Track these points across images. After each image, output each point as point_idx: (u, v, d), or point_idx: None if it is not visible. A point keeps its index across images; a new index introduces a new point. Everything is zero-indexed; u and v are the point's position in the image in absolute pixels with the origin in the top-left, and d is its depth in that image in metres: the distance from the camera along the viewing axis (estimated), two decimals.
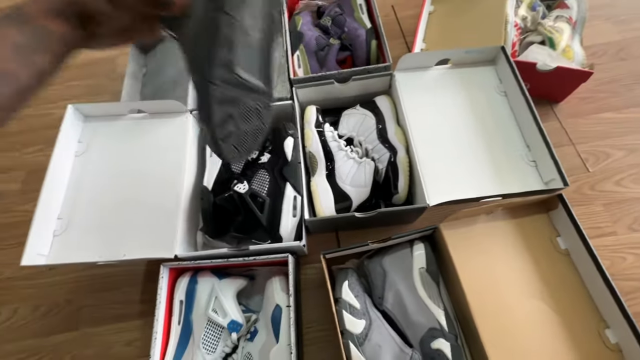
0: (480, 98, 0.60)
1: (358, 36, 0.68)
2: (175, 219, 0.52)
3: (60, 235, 0.52)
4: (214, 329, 0.48)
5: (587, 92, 0.70)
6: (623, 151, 0.64)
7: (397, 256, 0.52)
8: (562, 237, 0.50)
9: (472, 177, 0.53)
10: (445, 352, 0.44)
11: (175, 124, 0.61)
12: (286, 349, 0.46)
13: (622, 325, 0.42)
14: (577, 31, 0.67)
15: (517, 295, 0.47)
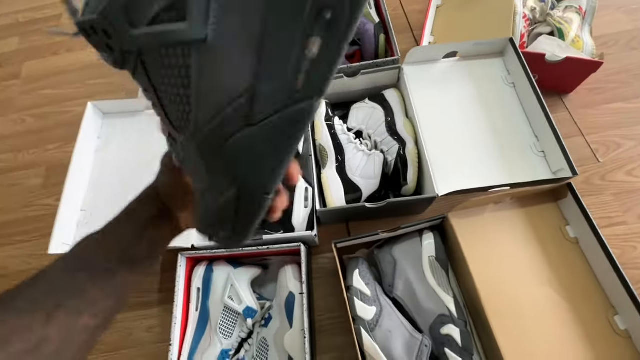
0: (489, 90, 0.60)
1: (366, 30, 0.69)
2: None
3: (83, 226, 0.55)
4: (231, 315, 0.50)
5: (596, 82, 0.70)
6: (634, 141, 0.64)
7: (407, 245, 0.53)
8: (571, 226, 0.50)
9: (481, 167, 0.54)
10: (455, 338, 0.46)
11: None
12: (300, 334, 0.48)
13: (632, 312, 0.43)
14: (586, 21, 0.67)
15: (526, 283, 0.47)
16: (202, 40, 0.14)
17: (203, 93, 0.15)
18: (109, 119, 0.64)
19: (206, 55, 0.14)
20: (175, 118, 0.17)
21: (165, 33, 0.14)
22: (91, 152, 0.60)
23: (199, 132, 0.17)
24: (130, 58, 0.16)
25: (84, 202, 0.56)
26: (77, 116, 0.59)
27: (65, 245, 0.52)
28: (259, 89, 0.15)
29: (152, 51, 0.16)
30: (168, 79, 0.16)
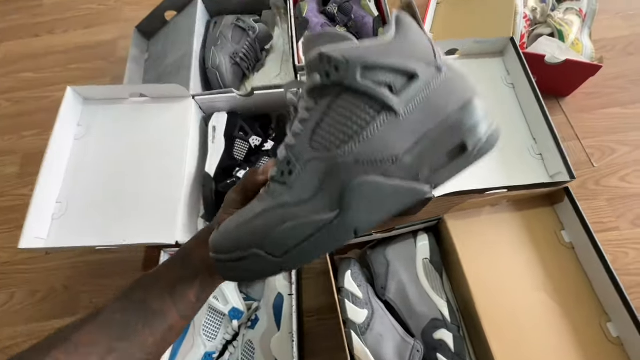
0: (487, 90, 0.59)
1: (365, 24, 0.67)
2: (176, 205, 0.51)
3: (59, 219, 0.51)
4: (215, 316, 0.48)
5: (594, 87, 0.69)
6: (629, 147, 0.64)
7: (401, 246, 0.51)
8: (567, 231, 0.50)
9: (477, 168, 0.52)
10: (447, 343, 0.44)
11: (177, 108, 0.59)
12: (287, 337, 0.46)
13: (625, 319, 0.42)
14: (586, 24, 0.66)
15: (521, 288, 0.47)
16: (395, 113, 0.20)
17: (369, 139, 0.20)
18: (90, 105, 0.60)
19: (390, 122, 0.20)
20: (322, 139, 0.21)
21: (380, 93, 0.20)
22: (69, 140, 0.56)
23: (346, 157, 0.20)
24: (333, 87, 0.21)
25: (60, 194, 0.53)
26: (56, 102, 0.55)
27: (39, 239, 0.49)
28: (403, 159, 0.20)
29: (356, 93, 0.20)
30: (349, 116, 0.20)
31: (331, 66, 0.20)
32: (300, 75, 0.62)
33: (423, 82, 0.20)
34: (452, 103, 0.20)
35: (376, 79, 0.20)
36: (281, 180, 0.21)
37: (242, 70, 0.71)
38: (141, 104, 0.60)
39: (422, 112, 0.20)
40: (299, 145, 0.21)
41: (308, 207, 0.20)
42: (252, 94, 0.61)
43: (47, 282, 0.61)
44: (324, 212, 0.19)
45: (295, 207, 0.20)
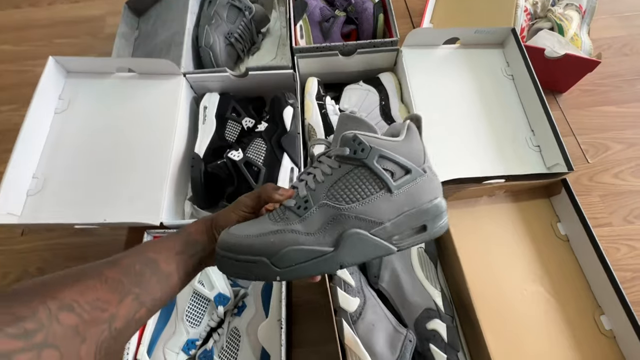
0: (487, 80, 0.58)
1: (365, 9, 0.65)
2: (162, 185, 0.49)
3: (34, 195, 0.48)
4: (200, 302, 0.46)
5: (590, 84, 0.70)
6: (623, 144, 0.64)
7: None
8: (563, 223, 0.49)
9: (475, 158, 0.52)
10: (440, 333, 0.43)
11: (167, 86, 0.57)
12: (276, 324, 0.44)
13: (618, 312, 0.42)
14: (585, 20, 0.66)
15: (516, 278, 0.46)
16: (390, 192, 0.27)
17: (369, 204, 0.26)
18: (73, 78, 0.56)
19: (385, 198, 0.26)
20: (336, 193, 0.27)
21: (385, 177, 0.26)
22: (49, 112, 0.53)
23: (350, 212, 0.26)
24: (355, 161, 0.27)
25: (37, 169, 0.49)
26: (37, 77, 0.52)
27: (11, 215, 0.46)
28: (386, 225, 0.26)
29: (370, 171, 0.27)
30: (360, 184, 0.27)
31: (359, 147, 0.26)
32: (298, 60, 0.60)
33: (413, 177, 0.27)
34: (426, 196, 0.27)
35: (385, 167, 0.27)
36: (297, 212, 0.27)
37: (236, 51, 0.69)
38: (129, 80, 0.57)
39: (406, 197, 0.27)
40: (318, 191, 0.27)
41: (312, 239, 0.26)
42: (247, 75, 0.58)
43: (20, 264, 0.57)
44: (324, 246, 0.26)
45: (304, 236, 0.26)
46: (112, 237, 0.59)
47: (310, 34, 0.66)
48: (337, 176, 0.27)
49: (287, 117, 0.53)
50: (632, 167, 0.62)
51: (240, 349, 0.43)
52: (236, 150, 0.50)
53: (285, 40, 0.73)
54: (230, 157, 0.49)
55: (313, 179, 0.28)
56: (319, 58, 0.60)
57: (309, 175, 0.29)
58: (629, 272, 0.54)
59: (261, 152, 0.51)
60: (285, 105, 0.54)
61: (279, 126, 0.53)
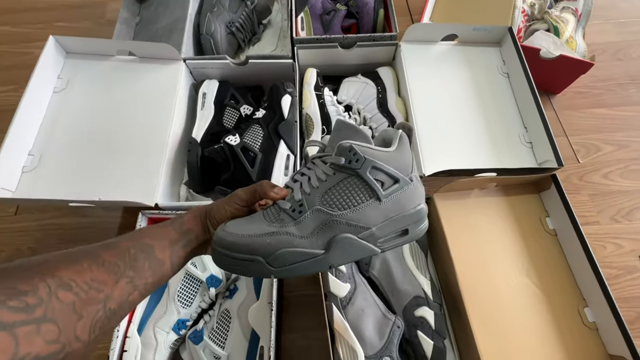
0: (483, 77, 0.59)
1: (366, 4, 0.66)
2: (158, 167, 0.49)
3: (30, 172, 0.48)
4: (192, 283, 0.46)
5: (583, 87, 0.71)
6: (613, 146, 0.65)
7: None
8: (551, 218, 0.50)
9: (469, 152, 0.53)
10: (428, 320, 0.44)
11: (166, 71, 0.57)
12: (267, 307, 0.44)
13: (602, 305, 0.43)
14: (581, 24, 0.68)
15: (504, 270, 0.47)
16: (379, 201, 0.28)
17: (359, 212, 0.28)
18: (73, 59, 0.57)
19: (374, 205, 0.28)
20: (330, 199, 0.28)
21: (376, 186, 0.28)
22: (48, 91, 0.53)
23: (341, 218, 0.28)
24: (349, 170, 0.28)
25: (34, 146, 0.49)
26: (36, 59, 0.52)
27: (6, 190, 0.46)
28: (373, 229, 0.28)
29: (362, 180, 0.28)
30: (352, 193, 0.28)
31: (354, 158, 0.28)
32: (298, 50, 0.60)
33: (400, 186, 0.29)
34: (410, 203, 0.29)
35: (376, 177, 0.28)
36: (292, 215, 0.28)
37: (237, 41, 0.69)
38: (129, 63, 0.57)
39: (393, 204, 0.29)
40: (312, 195, 0.29)
41: (306, 242, 0.28)
42: (247, 63, 0.59)
43: (11, 243, 0.57)
44: (316, 249, 0.27)
45: (298, 238, 0.28)
46: (106, 220, 0.59)
47: (311, 26, 0.67)
48: (332, 183, 0.29)
49: (285, 105, 0.53)
50: (621, 168, 0.63)
51: (230, 330, 0.44)
52: (233, 135, 0.50)
53: (286, 32, 0.74)
54: (227, 142, 0.50)
55: (308, 183, 0.29)
56: (319, 49, 0.61)
57: (304, 177, 0.30)
58: (614, 269, 0.56)
59: (258, 138, 0.51)
60: (284, 94, 0.54)
61: (277, 113, 0.53)
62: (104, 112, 0.53)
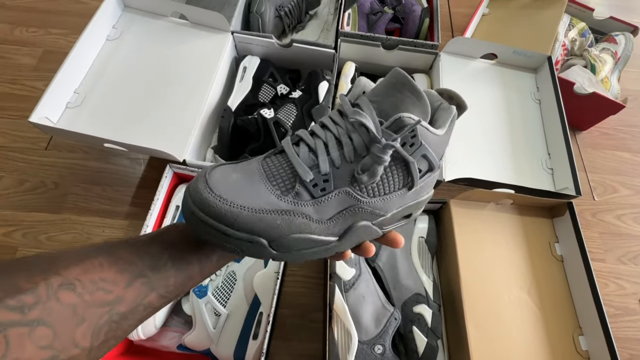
0: (515, 99, 0.61)
1: (413, 11, 0.68)
2: (191, 128, 0.51)
3: (73, 108, 0.50)
4: None
5: (610, 128, 0.72)
6: (631, 190, 0.66)
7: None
8: (561, 244, 0.51)
9: (490, 166, 0.54)
10: (425, 317, 0.45)
11: (214, 39, 0.59)
12: (272, 275, 0.45)
13: (598, 336, 0.43)
14: (618, 67, 0.69)
15: (506, 283, 0.47)
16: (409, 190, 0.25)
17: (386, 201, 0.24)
18: (129, 13, 0.59)
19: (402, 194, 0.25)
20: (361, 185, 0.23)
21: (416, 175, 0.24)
22: (102, 38, 0.56)
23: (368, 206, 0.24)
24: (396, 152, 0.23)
25: (80, 85, 0.52)
26: (91, 10, 0.55)
27: (48, 120, 0.48)
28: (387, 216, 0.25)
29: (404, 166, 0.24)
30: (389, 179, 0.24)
31: (411, 141, 0.23)
32: (341, 43, 0.62)
33: (432, 173, 0.26)
34: (427, 190, 0.27)
35: (420, 165, 0.24)
36: (312, 192, 0.22)
37: (283, 25, 0.72)
38: (179, 25, 0.60)
39: (415, 192, 0.26)
40: (342, 171, 0.23)
41: (322, 227, 0.23)
42: (291, 46, 0.61)
43: (38, 175, 0.59)
44: (330, 236, 0.23)
45: (314, 223, 0.22)
46: (130, 170, 0.61)
47: (356, 23, 0.69)
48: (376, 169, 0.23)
49: (322, 90, 0.55)
50: (635, 213, 0.64)
51: (234, 291, 0.45)
52: (268, 109, 0.52)
53: (329, 25, 0.76)
54: (262, 114, 0.51)
55: (339, 152, 0.23)
56: (361, 46, 0.63)
57: (330, 138, 0.23)
58: (612, 308, 0.56)
59: (291, 116, 0.53)
60: (322, 80, 0.56)
61: (313, 97, 0.55)
62: (149, 66, 0.55)
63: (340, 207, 0.23)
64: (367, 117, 0.23)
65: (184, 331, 0.45)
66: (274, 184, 0.22)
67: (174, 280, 0.23)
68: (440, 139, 0.25)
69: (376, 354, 0.43)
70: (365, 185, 0.23)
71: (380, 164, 0.22)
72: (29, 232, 0.55)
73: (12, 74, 0.68)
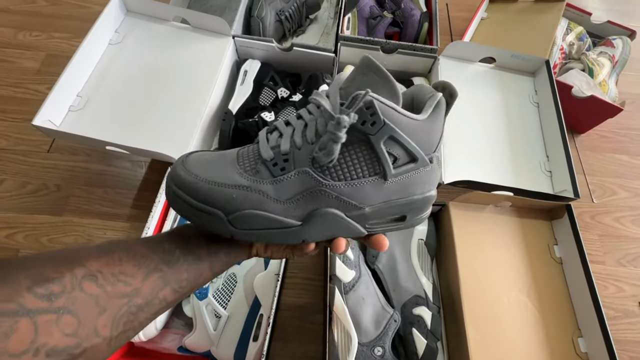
0: (514, 102, 0.61)
1: (412, 15, 0.69)
2: (192, 131, 0.51)
3: (75, 112, 0.51)
4: None
5: (608, 131, 0.72)
6: (629, 193, 0.66)
7: None
8: (559, 246, 0.51)
9: (489, 168, 0.54)
10: (425, 319, 0.45)
11: (215, 43, 0.60)
12: (273, 277, 0.46)
13: (597, 339, 0.44)
14: (616, 70, 0.69)
15: (506, 285, 0.48)
16: (385, 180, 0.23)
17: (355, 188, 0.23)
18: (132, 17, 0.60)
19: (377, 184, 0.23)
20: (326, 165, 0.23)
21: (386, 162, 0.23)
22: (104, 42, 0.56)
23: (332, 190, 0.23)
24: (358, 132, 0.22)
25: (83, 88, 0.52)
26: (94, 14, 0.55)
27: (51, 123, 0.48)
28: (365, 210, 0.24)
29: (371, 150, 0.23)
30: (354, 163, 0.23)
31: (371, 119, 0.21)
32: (341, 47, 0.63)
33: (417, 166, 0.24)
34: (420, 188, 0.24)
35: (391, 150, 0.23)
36: (272, 170, 0.23)
37: (283, 29, 0.72)
38: (181, 30, 0.61)
39: (399, 186, 0.24)
40: (303, 151, 0.23)
41: (280, 208, 0.23)
42: (291, 49, 0.62)
43: (40, 177, 0.60)
44: (291, 219, 0.23)
45: (272, 201, 0.23)
46: (131, 172, 0.62)
47: (356, 27, 0.70)
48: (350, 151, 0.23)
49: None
50: (634, 215, 0.64)
51: (234, 293, 0.45)
52: (269, 112, 0.53)
53: (329, 29, 0.77)
54: (262, 117, 0.52)
55: (302, 133, 0.23)
56: (361, 50, 0.64)
57: (299, 122, 0.24)
58: (612, 310, 0.56)
59: None
60: (322, 83, 0.57)
61: None
62: (151, 70, 0.56)
63: (301, 187, 0.23)
64: (324, 97, 0.23)
65: (185, 333, 0.46)
66: (240, 164, 0.24)
67: (187, 275, 0.24)
68: (422, 126, 0.23)
69: (376, 356, 0.43)
70: (324, 164, 0.22)
71: (336, 142, 0.21)
72: (31, 234, 0.55)
73: (15, 78, 0.69)
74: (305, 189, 0.23)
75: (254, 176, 0.23)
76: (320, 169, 0.23)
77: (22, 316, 0.16)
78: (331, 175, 0.23)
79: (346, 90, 0.23)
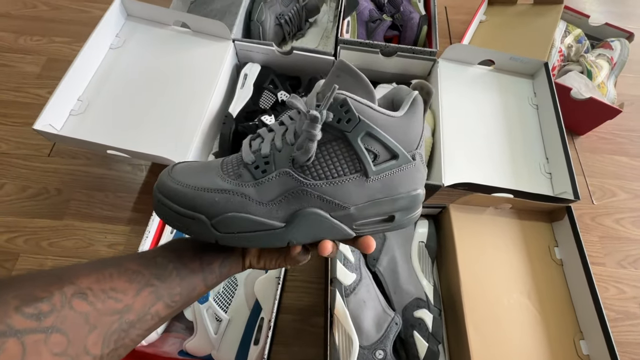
0: (513, 104, 0.61)
1: (411, 19, 0.69)
2: (192, 134, 0.51)
3: (76, 116, 0.51)
4: None
5: (607, 133, 0.72)
6: (629, 194, 0.66)
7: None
8: (560, 248, 0.51)
9: (489, 171, 0.54)
10: (426, 322, 0.45)
11: (215, 47, 0.60)
12: (273, 281, 0.46)
13: (599, 341, 0.43)
14: (614, 72, 0.70)
15: (506, 287, 0.48)
16: (367, 178, 0.23)
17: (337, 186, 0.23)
18: (132, 21, 0.60)
19: (359, 182, 0.23)
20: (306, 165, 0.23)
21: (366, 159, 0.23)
22: (105, 46, 0.57)
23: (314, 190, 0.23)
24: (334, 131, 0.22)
25: (84, 93, 0.53)
26: (94, 19, 0.56)
27: (52, 127, 0.48)
28: (351, 210, 0.24)
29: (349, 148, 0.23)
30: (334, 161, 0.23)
31: (346, 117, 0.22)
32: (340, 50, 0.63)
33: (398, 163, 0.24)
34: (406, 186, 0.24)
35: (369, 146, 0.23)
36: (253, 173, 0.23)
37: (283, 33, 0.73)
38: (181, 34, 0.61)
39: (382, 184, 0.24)
40: (283, 153, 0.23)
41: (263, 210, 0.23)
42: (291, 53, 0.62)
43: (41, 181, 0.60)
44: (274, 220, 0.23)
45: (255, 204, 0.23)
46: (131, 176, 0.62)
47: (355, 31, 0.70)
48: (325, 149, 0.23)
49: None
50: (634, 216, 0.64)
51: (235, 296, 0.45)
52: (269, 115, 0.53)
53: (329, 33, 0.77)
54: (262, 120, 0.52)
55: (282, 136, 0.24)
56: (360, 53, 0.64)
57: (281, 128, 0.24)
58: (613, 312, 0.56)
59: None
60: None
61: None
62: (152, 74, 0.56)
63: (282, 188, 0.23)
64: (299, 99, 0.23)
65: (186, 337, 0.46)
66: (224, 170, 0.24)
67: (180, 290, 0.24)
68: (399, 122, 0.23)
69: (377, 359, 0.43)
70: (303, 164, 0.23)
71: (312, 140, 0.22)
72: (31, 238, 0.55)
73: (16, 82, 0.69)
74: (287, 190, 0.23)
75: (236, 180, 0.23)
76: (301, 169, 0.23)
77: (9, 337, 0.15)
78: (312, 174, 0.23)
79: (322, 93, 0.23)
